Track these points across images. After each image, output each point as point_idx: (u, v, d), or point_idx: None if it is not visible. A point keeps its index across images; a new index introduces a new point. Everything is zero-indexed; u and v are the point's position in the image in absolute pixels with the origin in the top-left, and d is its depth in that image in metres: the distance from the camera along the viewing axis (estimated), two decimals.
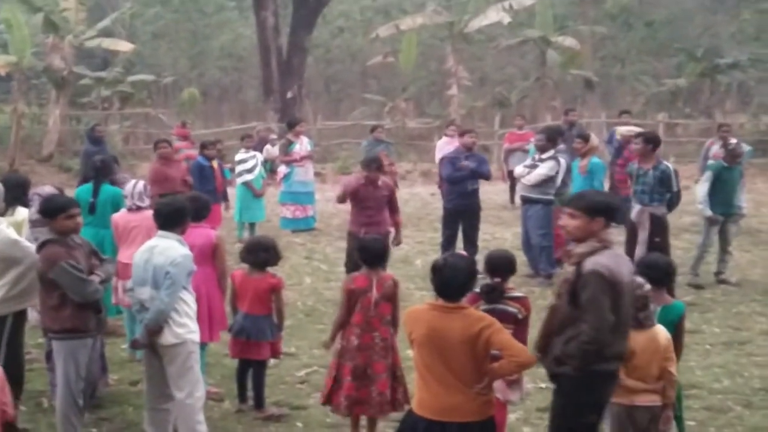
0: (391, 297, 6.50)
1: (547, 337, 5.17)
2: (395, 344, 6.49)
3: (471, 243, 11.59)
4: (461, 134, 12.36)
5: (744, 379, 7.96)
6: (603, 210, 5.09)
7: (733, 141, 11.95)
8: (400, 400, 6.41)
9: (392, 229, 10.26)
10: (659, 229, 10.29)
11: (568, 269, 5.12)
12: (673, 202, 10.46)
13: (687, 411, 6.50)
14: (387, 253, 6.66)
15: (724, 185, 11.17)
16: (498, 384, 5.52)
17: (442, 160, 12.21)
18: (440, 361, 4.82)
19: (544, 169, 11.23)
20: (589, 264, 4.92)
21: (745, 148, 14.91)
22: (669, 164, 10.56)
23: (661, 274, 5.73)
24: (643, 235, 10.22)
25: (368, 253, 6.53)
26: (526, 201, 11.47)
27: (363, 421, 6.62)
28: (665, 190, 10.31)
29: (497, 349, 4.78)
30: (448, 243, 11.63)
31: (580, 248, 5.05)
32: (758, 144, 24.43)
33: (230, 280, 7.23)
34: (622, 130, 13.62)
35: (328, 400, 6.49)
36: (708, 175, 11.29)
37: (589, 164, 11.43)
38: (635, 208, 10.41)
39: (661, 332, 5.41)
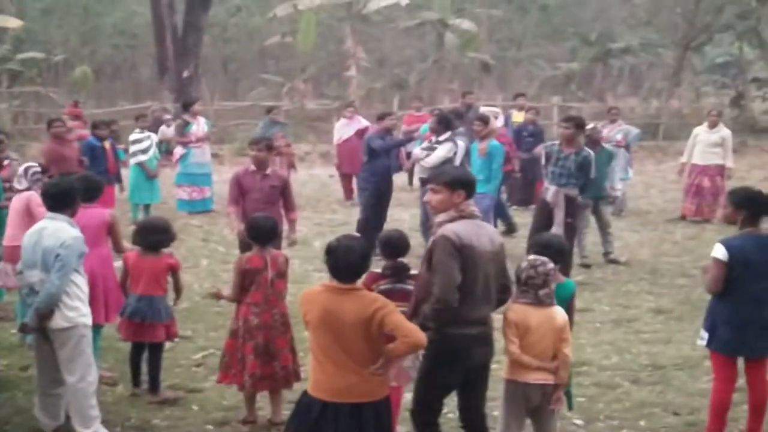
0: (284, 274, 6.60)
1: (417, 305, 5.36)
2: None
3: (381, 225, 11.60)
4: (381, 117, 12.46)
5: (632, 355, 8.20)
6: (463, 184, 5.38)
7: (590, 126, 12.09)
8: (299, 372, 6.49)
9: (286, 227, 9.10)
10: (572, 210, 10.47)
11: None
12: (586, 188, 10.61)
13: (577, 387, 6.67)
14: (277, 230, 6.69)
15: None
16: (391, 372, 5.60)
17: (369, 137, 12.22)
18: (335, 343, 4.85)
19: (442, 152, 11.35)
20: (440, 230, 5.23)
21: (634, 131, 15.36)
22: (591, 152, 10.67)
23: (554, 253, 5.85)
24: (560, 216, 10.35)
25: (259, 232, 6.54)
26: (426, 183, 11.52)
27: (259, 402, 6.62)
28: (582, 176, 10.44)
29: (390, 330, 4.83)
30: (380, 224, 11.66)
31: (439, 218, 5.36)
32: (648, 127, 25.15)
33: (123, 262, 7.10)
34: (484, 110, 13.71)
35: (235, 379, 6.47)
36: None
37: (489, 147, 11.50)
38: (550, 190, 10.46)
39: (559, 313, 5.50)
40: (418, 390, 5.48)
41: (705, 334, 6.19)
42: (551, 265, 5.51)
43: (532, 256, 5.56)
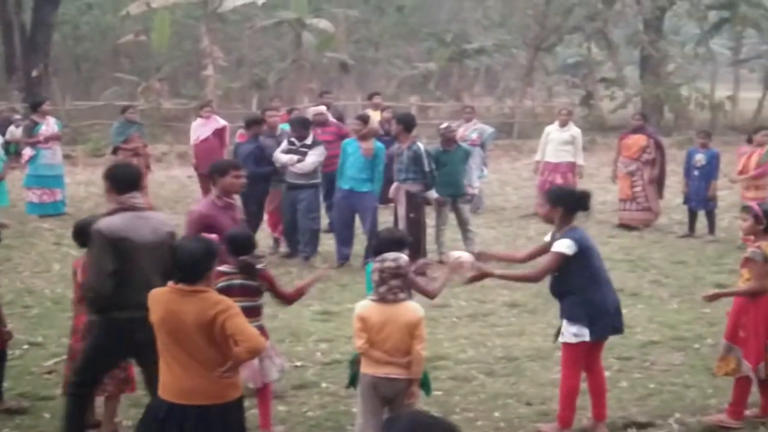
0: None
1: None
2: None
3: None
4: (251, 124, 12.17)
5: (487, 348, 8.39)
6: (107, 178, 5.79)
7: (444, 125, 12.35)
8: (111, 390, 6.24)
9: None
10: (413, 205, 10.77)
11: None
12: (427, 181, 10.90)
13: (435, 381, 6.76)
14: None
15: (447, 168, 11.48)
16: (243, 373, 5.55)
17: (256, 148, 11.72)
18: (177, 344, 4.76)
19: (315, 156, 11.23)
20: (96, 223, 5.62)
21: (489, 129, 15.73)
22: (421, 144, 10.96)
23: (397, 246, 5.81)
24: (401, 211, 10.74)
25: (77, 235, 6.34)
26: (295, 188, 11.34)
27: (100, 407, 6.44)
28: (419, 169, 10.76)
29: (230, 335, 4.71)
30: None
31: (105, 211, 5.77)
32: (502, 126, 25.80)
33: None
34: (311, 110, 13.66)
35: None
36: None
37: (375, 148, 11.15)
38: (393, 186, 10.92)
39: (411, 309, 5.48)
40: (82, 364, 5.76)
41: (584, 330, 6.20)
42: (392, 262, 5.46)
43: (381, 256, 5.59)
